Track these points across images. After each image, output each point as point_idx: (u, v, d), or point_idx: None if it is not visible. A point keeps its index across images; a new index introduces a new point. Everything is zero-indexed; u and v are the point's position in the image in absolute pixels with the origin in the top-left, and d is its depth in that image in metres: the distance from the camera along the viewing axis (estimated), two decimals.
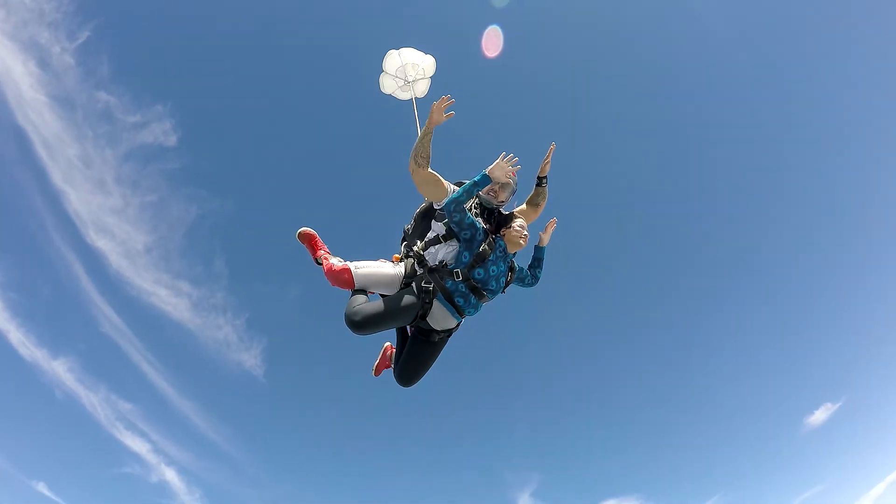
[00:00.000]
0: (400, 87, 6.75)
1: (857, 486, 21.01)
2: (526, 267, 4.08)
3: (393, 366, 4.07)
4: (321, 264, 3.84)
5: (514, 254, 3.80)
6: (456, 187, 3.86)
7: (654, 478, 21.74)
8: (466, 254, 3.58)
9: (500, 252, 3.66)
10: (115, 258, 19.81)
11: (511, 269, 3.81)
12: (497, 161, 3.56)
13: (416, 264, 3.71)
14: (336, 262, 3.77)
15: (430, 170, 3.74)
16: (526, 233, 3.72)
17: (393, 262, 3.87)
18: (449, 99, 3.63)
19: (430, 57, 6.62)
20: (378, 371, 4.53)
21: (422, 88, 6.74)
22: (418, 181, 3.75)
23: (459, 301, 3.58)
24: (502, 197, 3.84)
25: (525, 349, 24.73)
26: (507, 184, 3.77)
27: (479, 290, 3.59)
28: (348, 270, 3.68)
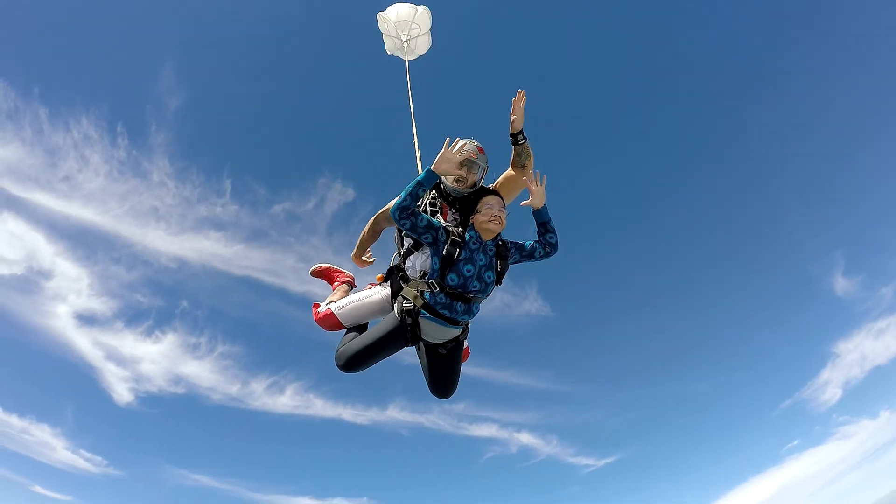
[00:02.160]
0: (399, 47, 6.42)
1: None
2: (534, 240, 3.53)
3: (426, 381, 3.79)
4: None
5: (497, 237, 3.35)
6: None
7: None
8: (435, 259, 3.20)
9: (475, 244, 3.25)
10: None
11: (501, 255, 3.36)
12: (441, 152, 3.14)
13: (399, 279, 3.41)
14: (323, 306, 3.77)
15: (369, 225, 3.86)
16: (496, 213, 3.25)
17: (377, 282, 3.70)
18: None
19: (422, 8, 6.21)
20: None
21: (422, 44, 6.38)
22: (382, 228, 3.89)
23: (445, 313, 3.23)
24: (472, 181, 3.45)
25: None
26: (473, 165, 3.39)
27: (461, 296, 3.21)
28: (331, 314, 3.67)
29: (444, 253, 3.16)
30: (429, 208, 3.49)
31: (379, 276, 3.74)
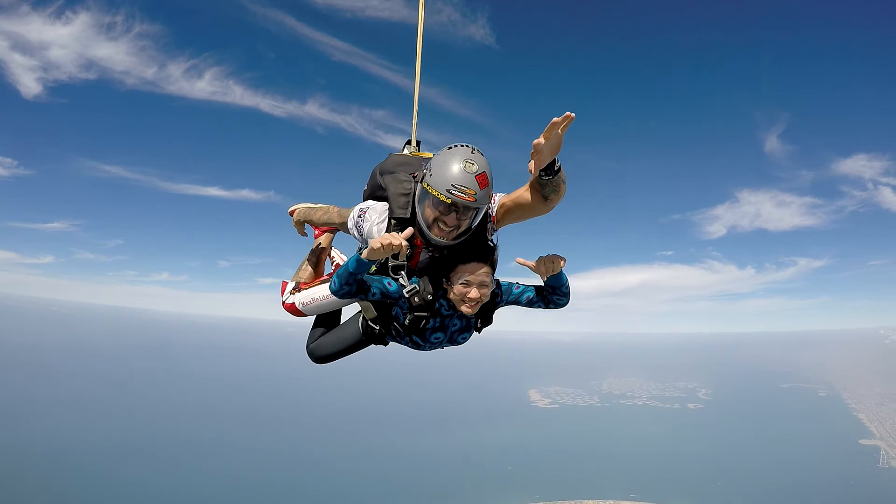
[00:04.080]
0: None
1: None
2: (534, 293, 2.99)
3: None
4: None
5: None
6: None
7: None
8: (398, 310, 2.86)
9: (448, 311, 2.83)
10: None
11: (485, 312, 2.94)
12: (375, 243, 2.46)
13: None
14: (287, 293, 3.61)
15: (334, 216, 3.36)
16: (473, 296, 2.64)
17: None
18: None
19: None
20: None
21: None
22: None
23: (410, 347, 3.07)
24: (464, 227, 2.66)
25: None
26: (466, 210, 2.58)
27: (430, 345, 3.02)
28: (295, 309, 3.53)
29: (405, 323, 2.82)
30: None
31: None
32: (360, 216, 2.96)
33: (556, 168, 2.50)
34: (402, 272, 2.74)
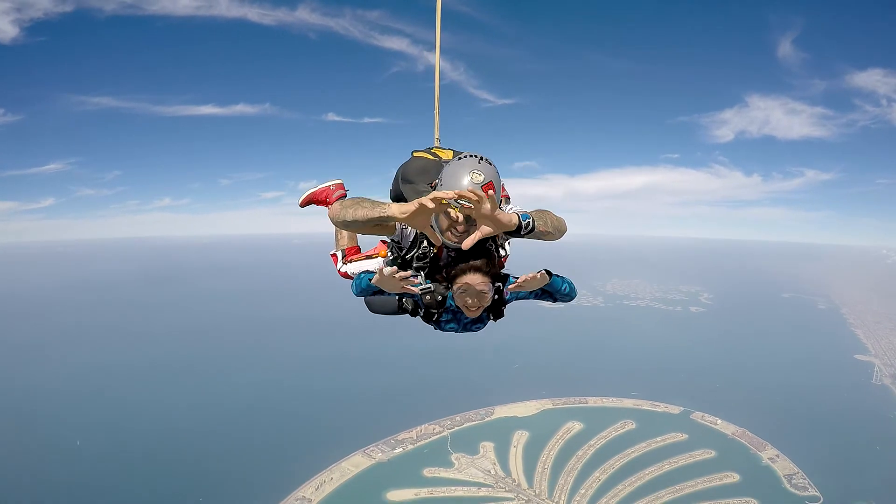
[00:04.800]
0: None
1: None
2: (541, 290, 3.36)
3: None
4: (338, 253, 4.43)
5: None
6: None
7: None
8: (419, 300, 3.27)
9: (458, 308, 3.13)
10: None
11: (497, 305, 3.19)
12: (378, 278, 3.00)
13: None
14: (340, 262, 4.28)
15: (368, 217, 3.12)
16: (470, 304, 3.01)
17: (381, 255, 3.98)
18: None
19: None
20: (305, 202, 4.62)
21: None
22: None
23: (436, 328, 3.36)
24: (461, 233, 2.91)
25: None
26: (471, 209, 2.80)
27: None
28: (350, 277, 4.06)
29: (421, 314, 3.21)
30: (423, 247, 3.22)
31: (383, 251, 3.93)
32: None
33: (522, 234, 2.88)
34: (421, 273, 3.13)
